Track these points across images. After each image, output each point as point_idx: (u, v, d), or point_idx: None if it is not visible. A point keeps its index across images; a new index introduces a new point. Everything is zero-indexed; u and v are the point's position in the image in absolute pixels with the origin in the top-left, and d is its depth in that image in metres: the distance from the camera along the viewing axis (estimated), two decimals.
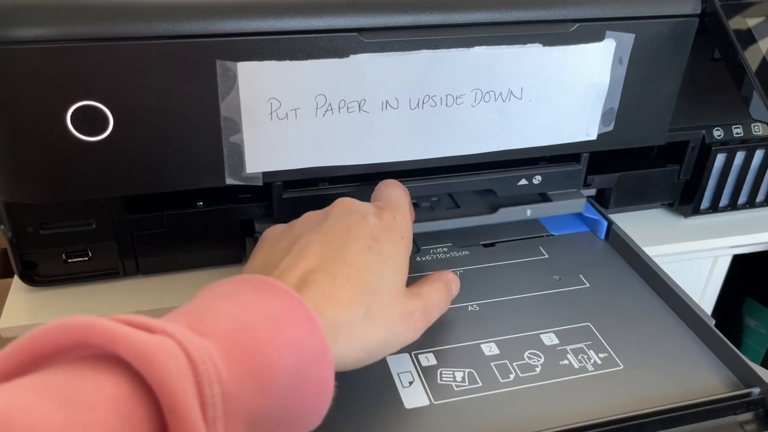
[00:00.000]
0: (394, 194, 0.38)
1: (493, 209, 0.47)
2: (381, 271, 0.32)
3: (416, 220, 0.45)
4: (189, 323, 0.24)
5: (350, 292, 0.30)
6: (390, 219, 0.35)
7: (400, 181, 0.44)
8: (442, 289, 0.36)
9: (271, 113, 0.37)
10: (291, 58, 0.36)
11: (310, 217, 0.35)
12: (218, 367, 0.22)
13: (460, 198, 0.49)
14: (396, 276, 0.33)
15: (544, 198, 0.49)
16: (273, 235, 0.35)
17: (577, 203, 0.48)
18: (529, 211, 0.47)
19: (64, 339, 0.21)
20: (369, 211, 0.35)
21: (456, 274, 0.39)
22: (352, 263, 0.31)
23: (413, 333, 0.33)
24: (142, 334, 0.22)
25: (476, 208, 0.48)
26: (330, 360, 0.27)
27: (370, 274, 0.31)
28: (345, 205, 0.35)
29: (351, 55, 0.37)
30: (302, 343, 0.26)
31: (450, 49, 0.38)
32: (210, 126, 0.37)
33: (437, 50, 0.38)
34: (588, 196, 0.50)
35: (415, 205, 0.47)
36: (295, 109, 0.38)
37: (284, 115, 0.37)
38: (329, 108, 0.38)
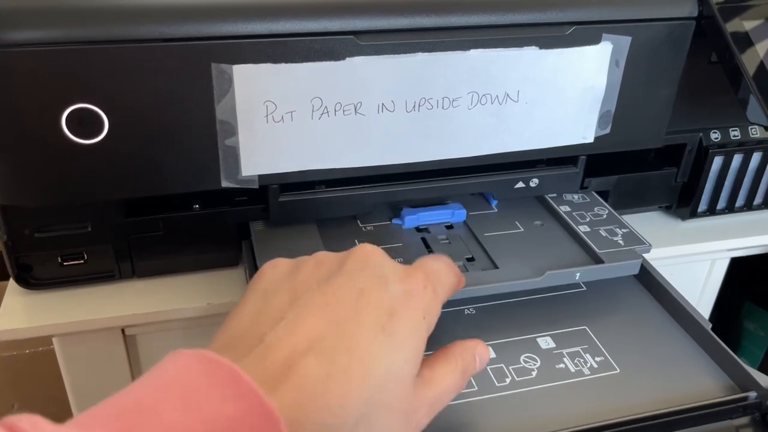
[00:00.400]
0: (437, 266, 0.31)
1: (540, 272, 0.40)
2: (391, 361, 0.26)
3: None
4: None
5: (346, 394, 0.24)
6: (417, 287, 0.28)
7: (397, 186, 0.44)
8: (458, 370, 0.29)
9: (266, 116, 0.37)
10: (287, 61, 0.36)
11: (320, 262, 0.29)
12: None
13: (497, 255, 0.42)
14: (407, 367, 0.26)
15: (595, 259, 0.41)
16: (272, 277, 0.29)
17: (633, 265, 0.41)
18: (578, 275, 0.40)
19: None
20: (391, 273, 0.29)
21: (486, 345, 0.32)
22: (356, 350, 0.25)
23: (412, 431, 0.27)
24: None
25: (518, 270, 0.40)
26: None
27: (378, 367, 0.25)
28: (364, 255, 0.29)
29: (347, 58, 0.37)
30: None
31: (446, 52, 0.38)
32: (205, 129, 0.37)
33: (433, 53, 0.38)
34: (643, 253, 0.42)
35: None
36: (291, 112, 0.37)
37: (280, 117, 0.37)
38: (325, 111, 0.38)
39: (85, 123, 0.35)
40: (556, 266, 0.40)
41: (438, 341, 0.37)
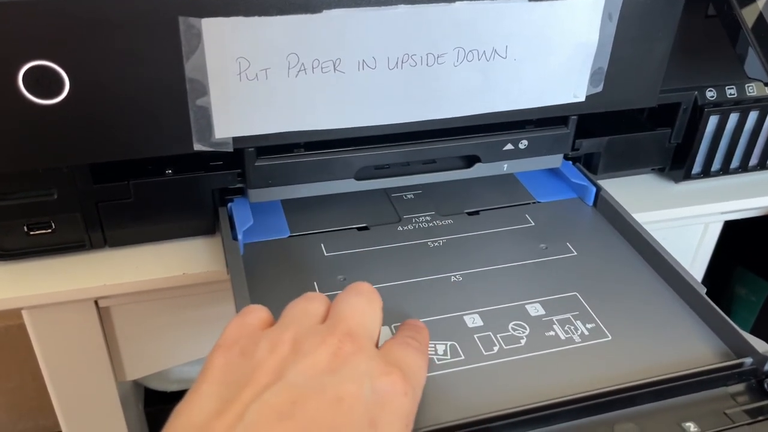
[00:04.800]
0: (416, 360, 0.28)
1: (470, 164, 0.45)
2: None
3: (389, 175, 0.44)
4: None
5: None
6: (397, 391, 0.25)
7: (380, 149, 0.42)
8: None
9: (239, 74, 0.35)
10: (260, 14, 0.34)
11: (294, 338, 0.26)
12: None
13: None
14: None
15: None
16: (230, 355, 0.25)
17: (554, 158, 0.46)
18: (506, 166, 0.45)
19: None
20: (368, 368, 0.25)
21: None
22: None
23: None
24: None
25: (453, 163, 0.45)
26: None
27: None
28: (344, 341, 0.25)
29: (324, 11, 0.35)
30: None
31: (430, 4, 0.36)
32: (175, 88, 0.35)
33: (416, 5, 0.36)
34: (573, 159, 0.48)
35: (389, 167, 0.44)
36: (266, 69, 0.35)
37: (254, 75, 0.35)
38: (302, 68, 0.36)
39: (43, 82, 0.33)
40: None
41: (424, 308, 0.35)
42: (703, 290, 0.36)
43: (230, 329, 0.27)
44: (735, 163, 0.52)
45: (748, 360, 0.32)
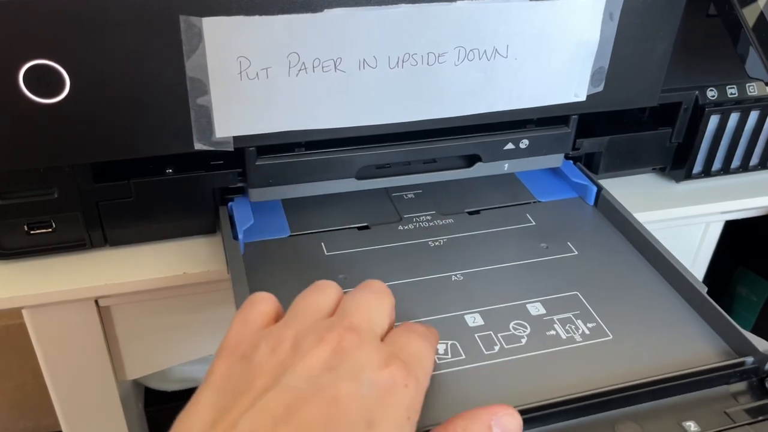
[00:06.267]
0: (413, 346, 0.27)
1: (471, 163, 0.45)
2: None
3: (390, 174, 0.44)
4: None
5: None
6: (397, 382, 0.24)
7: (381, 148, 0.42)
8: None
9: (240, 73, 0.35)
10: (261, 13, 0.34)
11: (294, 329, 0.25)
12: None
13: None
14: None
15: None
16: (232, 359, 0.25)
17: (555, 157, 0.47)
18: (506, 166, 0.45)
19: None
20: (368, 362, 0.24)
21: (512, 412, 0.26)
22: None
23: None
24: None
25: (454, 162, 0.45)
26: None
27: None
28: (345, 335, 0.25)
29: (325, 10, 0.35)
30: None
31: (431, 3, 0.36)
32: (176, 87, 0.35)
33: (417, 4, 0.36)
34: (574, 158, 0.48)
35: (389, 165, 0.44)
36: (266, 69, 0.35)
37: (254, 74, 0.35)
38: (303, 67, 0.36)
39: (44, 81, 0.33)
40: None
41: (425, 307, 0.35)
42: (704, 289, 0.36)
43: (233, 329, 0.27)
44: (736, 162, 0.51)
45: (750, 359, 0.32)
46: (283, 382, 0.23)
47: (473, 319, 0.35)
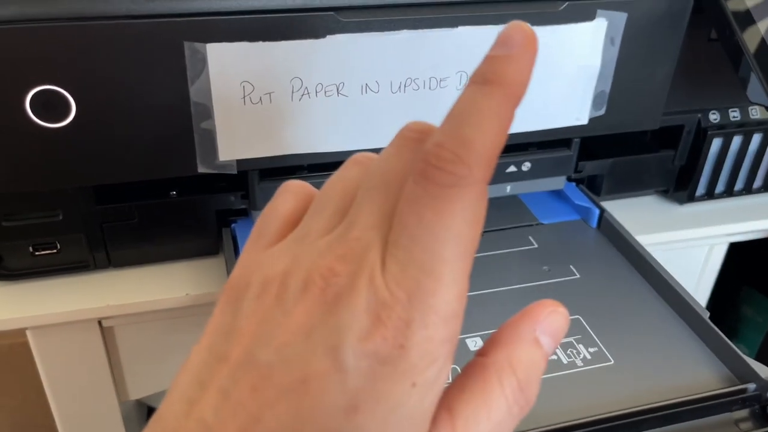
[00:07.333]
0: (444, 254, 0.17)
1: None
2: None
3: None
4: None
5: None
6: (400, 335, 0.16)
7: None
8: (501, 403, 0.19)
9: (243, 98, 0.35)
10: (264, 39, 0.34)
11: (286, 260, 0.19)
12: None
13: None
14: None
15: None
16: (225, 304, 0.20)
17: (557, 180, 0.47)
18: (509, 188, 0.46)
19: None
20: (355, 325, 0.17)
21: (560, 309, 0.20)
22: None
23: None
24: None
25: None
26: None
27: None
28: (334, 272, 0.17)
29: (327, 36, 0.35)
30: None
31: (432, 29, 0.36)
32: (180, 112, 0.35)
33: (419, 30, 0.36)
34: (577, 180, 0.48)
35: None
36: (270, 93, 0.36)
37: (258, 99, 0.36)
38: (305, 92, 0.36)
39: (50, 106, 0.33)
40: None
41: None
42: (706, 314, 0.36)
43: (245, 248, 0.22)
44: (739, 185, 0.51)
45: (752, 386, 0.31)
46: (254, 353, 0.18)
47: (474, 343, 0.35)
